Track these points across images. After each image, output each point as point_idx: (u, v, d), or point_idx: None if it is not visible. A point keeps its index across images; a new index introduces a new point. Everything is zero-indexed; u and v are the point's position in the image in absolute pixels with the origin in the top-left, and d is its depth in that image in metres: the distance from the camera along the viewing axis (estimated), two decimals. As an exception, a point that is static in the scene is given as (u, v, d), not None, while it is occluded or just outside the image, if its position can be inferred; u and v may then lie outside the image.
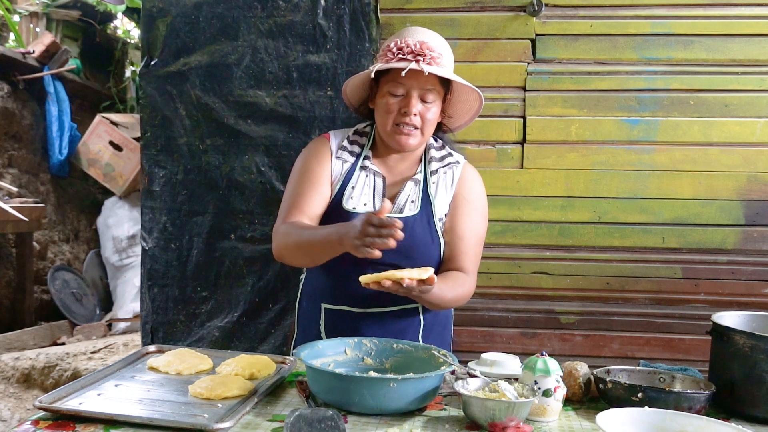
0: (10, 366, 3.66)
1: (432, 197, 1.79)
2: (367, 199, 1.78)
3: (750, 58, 2.51)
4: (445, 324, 1.92)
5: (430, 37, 1.75)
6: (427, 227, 1.76)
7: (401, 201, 1.78)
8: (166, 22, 2.66)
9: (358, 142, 1.86)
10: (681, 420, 1.29)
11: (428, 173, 1.82)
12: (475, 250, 1.84)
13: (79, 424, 1.25)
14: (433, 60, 1.68)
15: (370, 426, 1.31)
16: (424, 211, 1.77)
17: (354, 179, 1.79)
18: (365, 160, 1.82)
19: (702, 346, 2.48)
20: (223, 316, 2.70)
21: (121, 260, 4.85)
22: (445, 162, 1.85)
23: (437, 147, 1.88)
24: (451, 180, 1.83)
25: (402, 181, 1.82)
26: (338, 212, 1.76)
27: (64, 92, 4.81)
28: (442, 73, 1.69)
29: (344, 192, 1.78)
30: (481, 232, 1.86)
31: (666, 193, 2.56)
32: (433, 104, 1.74)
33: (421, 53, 1.67)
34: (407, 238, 1.69)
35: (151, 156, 2.70)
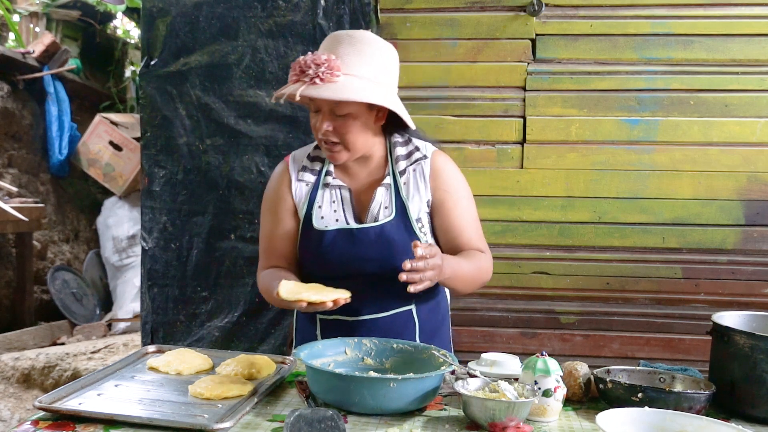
0: (10, 366, 3.66)
1: (405, 199, 1.73)
2: (339, 215, 1.74)
3: (750, 58, 2.51)
4: (441, 323, 1.90)
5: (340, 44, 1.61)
6: (404, 232, 1.71)
7: (374, 208, 1.73)
8: (166, 22, 2.66)
9: (319, 157, 1.80)
10: (681, 420, 1.29)
11: (397, 174, 1.75)
12: (478, 232, 1.81)
13: (78, 424, 1.25)
14: (318, 77, 1.54)
15: (370, 426, 1.30)
16: (400, 216, 1.72)
17: (319, 198, 1.75)
18: (327, 176, 1.76)
19: (702, 346, 2.48)
20: (223, 316, 2.70)
21: (121, 260, 4.85)
22: (412, 159, 1.76)
23: (402, 142, 1.78)
24: (422, 177, 1.76)
25: (371, 188, 1.75)
26: (310, 233, 1.74)
27: (64, 92, 4.80)
28: (314, 94, 1.54)
29: (312, 212, 1.74)
30: (474, 213, 1.83)
31: (666, 193, 2.56)
32: (348, 117, 1.62)
33: (307, 72, 1.56)
34: (385, 246, 1.69)
35: (151, 156, 2.70)
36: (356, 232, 1.70)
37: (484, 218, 2.61)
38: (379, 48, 1.64)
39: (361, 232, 1.70)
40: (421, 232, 1.74)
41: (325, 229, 1.72)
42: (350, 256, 1.70)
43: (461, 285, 1.75)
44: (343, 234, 1.71)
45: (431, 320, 1.83)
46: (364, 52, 1.61)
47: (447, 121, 2.63)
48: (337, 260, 1.71)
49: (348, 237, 1.70)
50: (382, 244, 1.69)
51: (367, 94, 1.58)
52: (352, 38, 1.62)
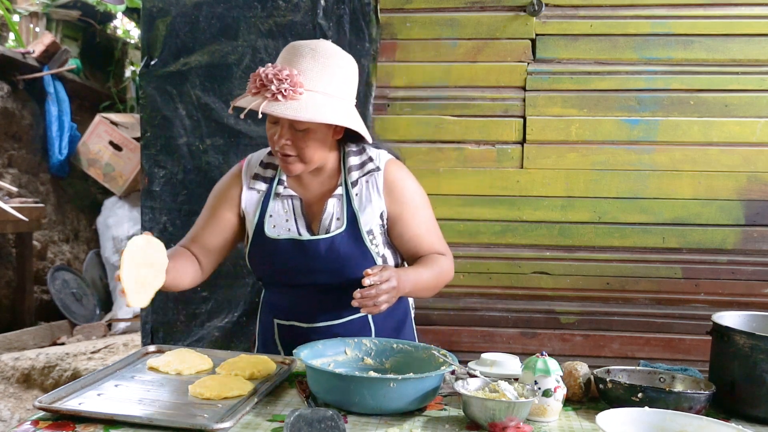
0: (10, 366, 3.66)
1: (357, 211, 1.70)
2: (290, 225, 1.72)
3: (750, 58, 2.51)
4: (401, 325, 1.87)
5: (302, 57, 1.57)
6: (354, 244, 1.69)
7: (326, 220, 1.71)
8: (166, 22, 2.66)
9: (272, 164, 1.78)
10: (681, 420, 1.29)
11: (349, 185, 1.71)
12: (438, 236, 1.81)
13: (78, 424, 1.25)
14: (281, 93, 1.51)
15: (370, 426, 1.30)
16: (351, 227, 1.70)
17: (271, 208, 1.74)
18: (278, 185, 1.75)
19: (702, 346, 2.48)
20: (223, 316, 2.70)
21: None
22: (365, 170, 1.73)
23: (355, 152, 1.74)
24: (375, 188, 1.72)
25: (322, 198, 1.73)
26: (262, 241, 1.73)
27: (64, 92, 4.81)
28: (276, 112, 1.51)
29: (264, 220, 1.73)
30: (432, 219, 1.81)
31: (666, 193, 2.56)
32: (307, 131, 1.59)
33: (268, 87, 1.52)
34: (336, 258, 1.68)
35: (151, 156, 2.70)
36: (307, 244, 1.69)
37: (484, 218, 2.63)
38: (340, 61, 1.62)
39: (312, 243, 1.69)
40: (372, 244, 1.72)
41: (277, 238, 1.71)
42: (301, 267, 1.70)
43: (424, 293, 1.76)
44: (295, 244, 1.70)
45: (388, 324, 1.81)
46: (327, 66, 1.58)
47: (447, 121, 2.63)
48: (288, 270, 1.71)
49: (299, 247, 1.69)
50: (333, 257, 1.68)
51: (329, 115, 1.56)
52: (314, 52, 1.58)
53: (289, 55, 1.60)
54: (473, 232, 2.64)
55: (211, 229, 1.78)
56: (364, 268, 1.64)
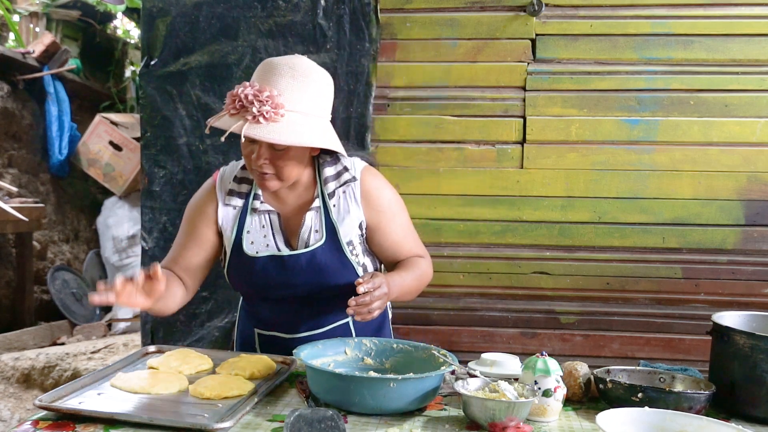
0: (10, 366, 3.66)
1: (335, 222, 1.70)
2: (269, 240, 1.71)
3: (750, 58, 2.51)
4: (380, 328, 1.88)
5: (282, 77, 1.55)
6: (335, 255, 1.69)
7: (304, 233, 1.70)
8: (166, 22, 2.66)
9: (246, 178, 1.75)
10: (681, 420, 1.29)
11: (326, 197, 1.71)
12: (416, 240, 1.82)
13: (79, 424, 1.25)
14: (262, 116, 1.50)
15: (370, 426, 1.30)
16: (330, 239, 1.69)
17: (248, 223, 1.72)
18: (255, 200, 1.73)
19: (702, 346, 2.48)
20: (223, 316, 2.70)
21: (121, 260, 4.85)
22: (341, 180, 1.72)
23: (330, 162, 1.73)
24: (353, 199, 1.72)
25: (300, 211, 1.72)
26: (241, 258, 1.71)
27: (64, 92, 4.81)
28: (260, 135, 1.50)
29: (242, 237, 1.71)
30: (409, 223, 1.82)
31: (666, 193, 2.56)
32: (285, 151, 1.58)
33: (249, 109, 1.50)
34: (316, 271, 1.68)
35: (151, 156, 2.70)
36: (287, 259, 1.68)
37: (484, 218, 2.63)
38: (318, 78, 1.60)
39: (292, 258, 1.68)
40: (353, 254, 1.72)
41: (256, 255, 1.69)
42: (282, 282, 1.69)
43: (408, 297, 1.77)
44: (274, 260, 1.69)
45: (368, 328, 1.82)
46: (306, 84, 1.57)
47: (447, 121, 2.63)
48: (269, 285, 1.71)
49: (279, 263, 1.68)
50: (313, 270, 1.68)
51: (308, 137, 1.55)
52: (293, 70, 1.56)
53: (266, 74, 1.57)
54: (473, 232, 2.64)
55: (191, 248, 1.75)
56: (345, 278, 1.67)
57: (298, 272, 1.68)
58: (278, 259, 1.69)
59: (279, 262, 1.69)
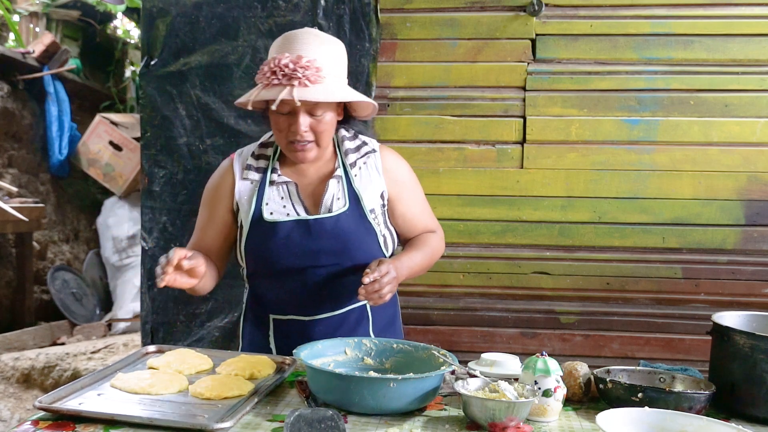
0: (10, 366, 3.66)
1: (358, 190, 1.74)
2: (288, 209, 1.73)
3: (750, 58, 2.51)
4: (394, 316, 1.91)
5: (309, 46, 1.61)
6: (359, 221, 1.72)
7: (327, 200, 1.73)
8: (166, 22, 2.66)
9: (264, 155, 1.79)
10: (681, 420, 1.29)
11: (347, 166, 1.76)
12: (430, 214, 1.90)
13: (79, 424, 1.25)
14: (308, 80, 1.56)
15: (370, 426, 1.30)
16: (354, 206, 1.73)
17: (267, 196, 1.74)
18: (273, 173, 1.76)
19: (702, 346, 2.48)
20: (223, 316, 2.70)
21: (121, 260, 4.85)
22: (362, 152, 1.78)
23: (350, 137, 1.81)
24: (374, 169, 1.78)
25: (322, 180, 1.76)
26: (262, 227, 1.72)
27: (64, 92, 4.81)
28: (314, 97, 1.56)
29: (261, 208, 1.73)
30: (423, 197, 1.90)
31: (666, 193, 2.56)
32: (323, 115, 1.64)
33: (295, 75, 1.55)
34: (341, 236, 1.70)
35: (151, 156, 2.70)
36: (312, 223, 1.70)
37: (484, 218, 2.64)
38: (339, 43, 1.69)
39: (317, 223, 1.70)
40: (375, 223, 1.75)
41: (279, 221, 1.71)
42: (305, 248, 1.70)
43: (419, 274, 1.82)
44: (299, 225, 1.70)
45: (384, 314, 1.84)
46: (333, 49, 1.66)
47: (447, 121, 2.63)
48: (291, 253, 1.70)
49: (303, 228, 1.70)
50: (338, 235, 1.70)
51: (356, 93, 1.66)
52: (318, 37, 1.64)
53: (294, 44, 1.62)
54: (473, 232, 2.64)
55: (213, 231, 1.80)
56: (367, 246, 1.71)
57: (323, 237, 1.69)
58: (303, 224, 1.70)
59: (304, 227, 1.70)
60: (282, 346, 1.76)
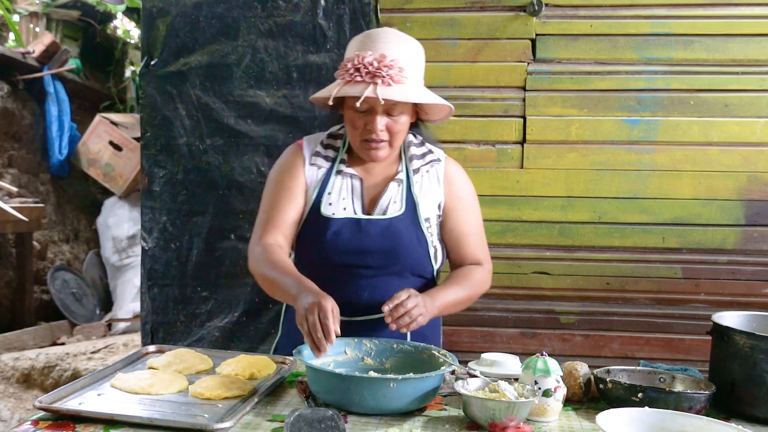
0: (10, 366, 3.66)
1: (416, 197, 1.75)
2: (347, 204, 1.73)
3: (750, 58, 2.51)
4: (433, 325, 1.89)
5: (392, 46, 1.62)
6: (412, 228, 1.73)
7: (384, 202, 1.73)
8: (166, 22, 2.66)
9: (333, 145, 1.80)
10: (681, 420, 1.29)
11: (410, 172, 1.77)
12: (482, 241, 1.86)
13: (79, 424, 1.25)
14: (392, 79, 1.57)
15: (370, 426, 1.31)
16: (409, 212, 1.73)
17: (330, 185, 1.75)
18: (341, 164, 1.77)
19: (702, 346, 2.48)
20: (223, 316, 2.70)
21: (121, 260, 4.85)
22: (426, 160, 1.80)
23: (417, 143, 1.82)
24: (436, 179, 1.79)
25: (383, 182, 1.77)
26: (316, 219, 1.72)
27: (64, 92, 4.80)
28: (399, 96, 1.58)
29: (321, 198, 1.74)
30: (481, 223, 1.87)
31: (666, 193, 2.56)
32: (400, 116, 1.66)
33: (379, 74, 1.56)
34: (392, 240, 1.70)
35: (151, 156, 2.70)
36: (363, 223, 1.70)
37: (484, 218, 2.62)
38: (418, 45, 1.70)
39: (370, 223, 1.70)
40: (428, 232, 1.75)
41: (332, 216, 1.71)
42: (354, 247, 1.69)
43: (456, 309, 1.78)
44: (350, 224, 1.70)
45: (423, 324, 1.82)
46: (415, 51, 1.67)
47: (447, 121, 2.61)
48: (341, 250, 1.70)
49: (355, 227, 1.70)
50: (388, 237, 1.70)
51: (435, 96, 1.66)
52: (400, 37, 1.65)
53: (375, 42, 1.63)
54: (473, 232, 2.63)
55: (287, 208, 1.75)
56: (418, 254, 1.71)
57: (372, 237, 1.69)
58: (355, 223, 1.70)
59: (355, 226, 1.70)
60: None
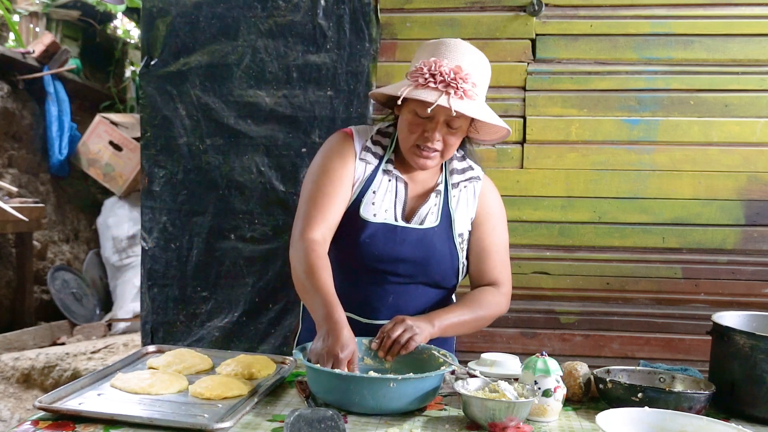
0: (10, 366, 3.66)
1: (452, 211, 1.74)
2: (389, 206, 1.71)
3: (750, 58, 2.51)
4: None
5: (468, 59, 1.62)
6: (446, 240, 1.72)
7: (423, 212, 1.72)
8: (166, 22, 2.66)
9: (381, 143, 1.77)
10: (681, 420, 1.29)
11: (450, 186, 1.76)
12: (505, 260, 1.83)
13: (79, 424, 1.25)
14: (465, 93, 1.57)
15: (370, 426, 1.31)
16: (444, 224, 1.73)
17: (376, 183, 1.71)
18: (388, 163, 1.74)
19: (702, 346, 2.48)
20: (223, 316, 2.70)
21: (121, 260, 4.85)
22: (466, 176, 1.80)
23: (458, 158, 1.81)
24: (473, 195, 1.79)
25: (424, 190, 1.76)
26: (354, 221, 1.69)
27: (64, 92, 4.80)
28: (471, 112, 1.56)
29: (363, 198, 1.70)
30: (506, 241, 1.85)
31: (666, 193, 2.56)
32: (458, 129, 1.65)
33: (454, 84, 1.56)
34: (425, 250, 1.69)
35: (151, 156, 2.70)
36: (399, 230, 1.69)
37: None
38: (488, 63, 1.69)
39: (405, 231, 1.69)
40: (460, 247, 1.75)
41: (370, 220, 1.69)
42: (388, 253, 1.68)
43: (462, 332, 1.75)
44: (386, 229, 1.69)
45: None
46: (486, 69, 1.67)
47: (447, 121, 2.63)
48: (374, 254, 1.68)
49: (390, 233, 1.69)
50: (422, 247, 1.69)
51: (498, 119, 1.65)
52: (475, 53, 1.65)
53: (451, 51, 1.62)
54: (473, 232, 2.63)
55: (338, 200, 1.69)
56: (446, 268, 1.71)
57: (406, 245, 1.68)
58: (390, 229, 1.69)
59: (390, 232, 1.69)
60: None
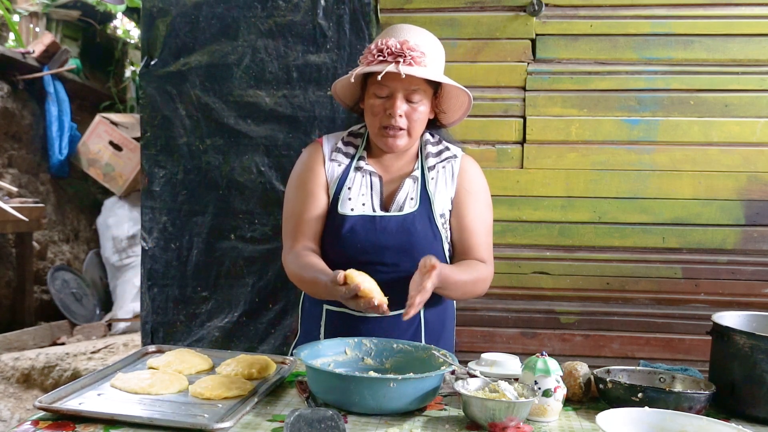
0: (10, 366, 3.66)
1: (431, 193, 1.79)
2: (366, 200, 1.77)
3: (750, 58, 2.51)
4: (445, 324, 1.91)
5: (414, 35, 1.71)
6: (427, 223, 1.76)
7: (400, 198, 1.77)
8: (166, 22, 2.66)
9: (353, 143, 1.85)
10: (681, 420, 1.29)
11: (426, 169, 1.81)
12: (486, 240, 1.88)
13: (79, 424, 1.25)
14: (414, 60, 1.64)
15: (370, 426, 1.31)
16: (424, 208, 1.76)
17: (349, 181, 1.79)
18: (360, 160, 1.81)
19: (702, 346, 2.48)
20: (223, 316, 2.70)
21: (121, 260, 4.85)
22: (442, 157, 1.85)
23: (433, 142, 1.87)
24: (450, 174, 1.83)
25: (400, 179, 1.81)
26: (334, 218, 1.76)
27: (64, 92, 4.80)
28: (421, 73, 1.65)
29: (340, 195, 1.77)
30: (488, 220, 1.89)
31: (666, 193, 2.56)
32: (419, 104, 1.72)
33: (401, 54, 1.64)
34: (408, 235, 1.72)
35: (151, 156, 2.70)
36: (378, 219, 1.73)
37: (484, 218, 2.62)
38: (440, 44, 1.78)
39: (384, 220, 1.73)
40: (443, 228, 1.79)
41: (348, 214, 1.74)
42: (370, 244, 1.72)
43: (455, 293, 1.79)
44: (364, 221, 1.73)
45: (437, 323, 1.84)
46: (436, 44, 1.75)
47: (447, 121, 2.63)
48: (357, 246, 1.72)
49: (369, 223, 1.72)
50: (403, 234, 1.72)
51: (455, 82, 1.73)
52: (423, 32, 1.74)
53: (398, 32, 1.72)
54: (473, 232, 2.63)
55: (314, 210, 1.78)
56: (433, 248, 1.73)
57: (387, 234, 1.72)
58: (369, 220, 1.73)
59: (369, 223, 1.72)
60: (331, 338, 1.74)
